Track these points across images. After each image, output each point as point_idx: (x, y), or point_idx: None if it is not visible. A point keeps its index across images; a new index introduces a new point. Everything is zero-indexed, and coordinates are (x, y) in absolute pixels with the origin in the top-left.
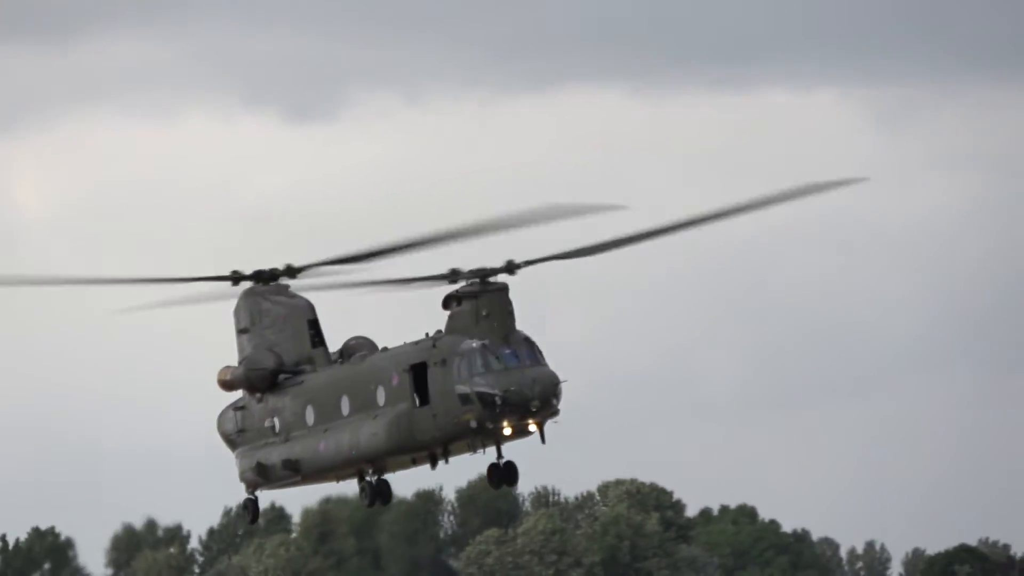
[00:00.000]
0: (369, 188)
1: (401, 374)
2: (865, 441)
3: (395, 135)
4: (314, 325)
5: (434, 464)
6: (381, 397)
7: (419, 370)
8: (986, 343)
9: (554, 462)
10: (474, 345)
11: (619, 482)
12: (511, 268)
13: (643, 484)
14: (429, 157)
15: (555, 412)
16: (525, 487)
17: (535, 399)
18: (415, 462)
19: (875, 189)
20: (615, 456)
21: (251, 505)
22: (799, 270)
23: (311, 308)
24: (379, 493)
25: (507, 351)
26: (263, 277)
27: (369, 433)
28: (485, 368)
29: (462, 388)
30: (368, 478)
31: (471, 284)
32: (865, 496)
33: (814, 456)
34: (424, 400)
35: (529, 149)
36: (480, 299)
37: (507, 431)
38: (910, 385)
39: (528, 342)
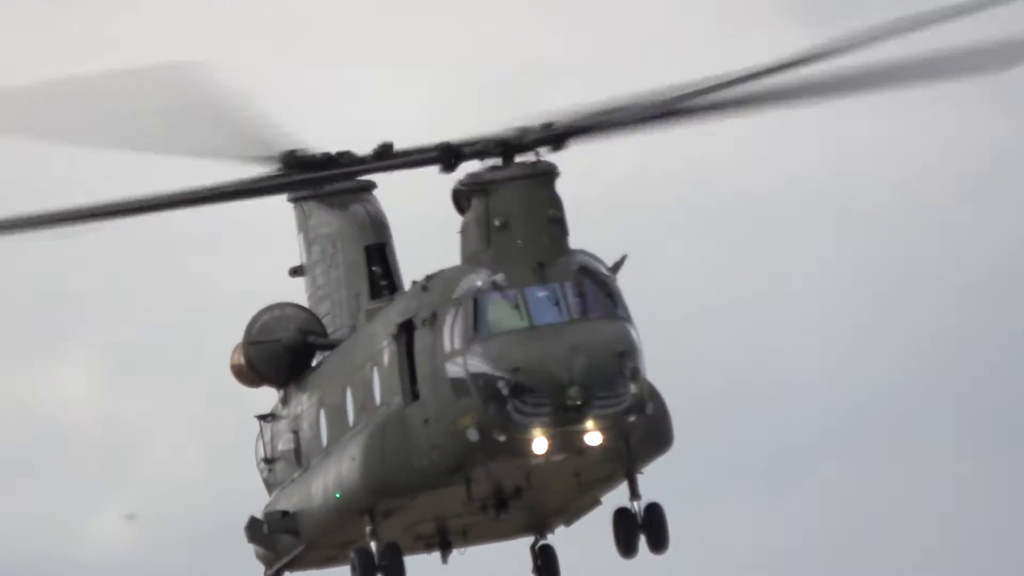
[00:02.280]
0: None
1: (390, 343)
2: None
3: None
4: (378, 253)
5: (499, 512)
6: (376, 388)
7: (409, 336)
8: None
9: None
10: (478, 284)
11: None
12: (555, 137)
13: None
14: None
15: (631, 408)
16: None
17: (574, 384)
18: (485, 510)
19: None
20: None
21: None
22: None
23: (378, 224)
24: (381, 570)
25: (540, 293)
26: (314, 164)
27: (348, 459)
28: (491, 327)
29: (454, 367)
30: (370, 542)
31: (489, 170)
32: None
33: None
34: (416, 391)
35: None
36: (492, 195)
37: (539, 448)
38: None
39: (586, 274)
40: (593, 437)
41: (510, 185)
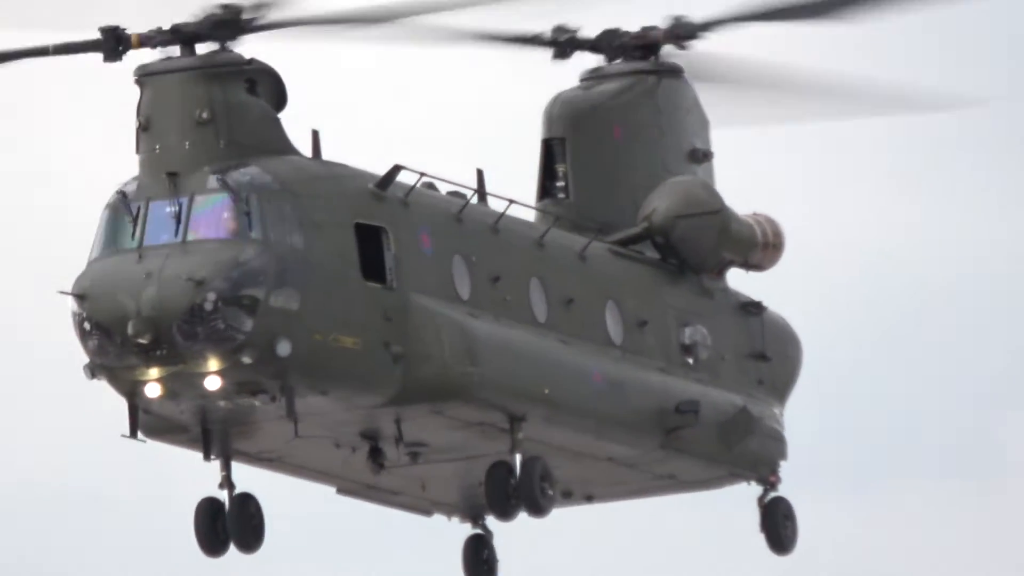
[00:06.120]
0: None
1: None
2: None
3: None
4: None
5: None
6: None
7: None
8: None
9: None
10: (112, 196)
11: None
12: (244, 23)
13: None
14: None
15: (241, 346)
16: None
17: (137, 317)
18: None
19: None
20: None
21: None
22: None
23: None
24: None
25: (166, 208)
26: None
27: None
28: (103, 247)
29: None
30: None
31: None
32: None
33: None
34: None
35: None
36: (141, 92)
37: (152, 391)
38: None
39: (226, 187)
40: (210, 381)
41: (152, 80)
